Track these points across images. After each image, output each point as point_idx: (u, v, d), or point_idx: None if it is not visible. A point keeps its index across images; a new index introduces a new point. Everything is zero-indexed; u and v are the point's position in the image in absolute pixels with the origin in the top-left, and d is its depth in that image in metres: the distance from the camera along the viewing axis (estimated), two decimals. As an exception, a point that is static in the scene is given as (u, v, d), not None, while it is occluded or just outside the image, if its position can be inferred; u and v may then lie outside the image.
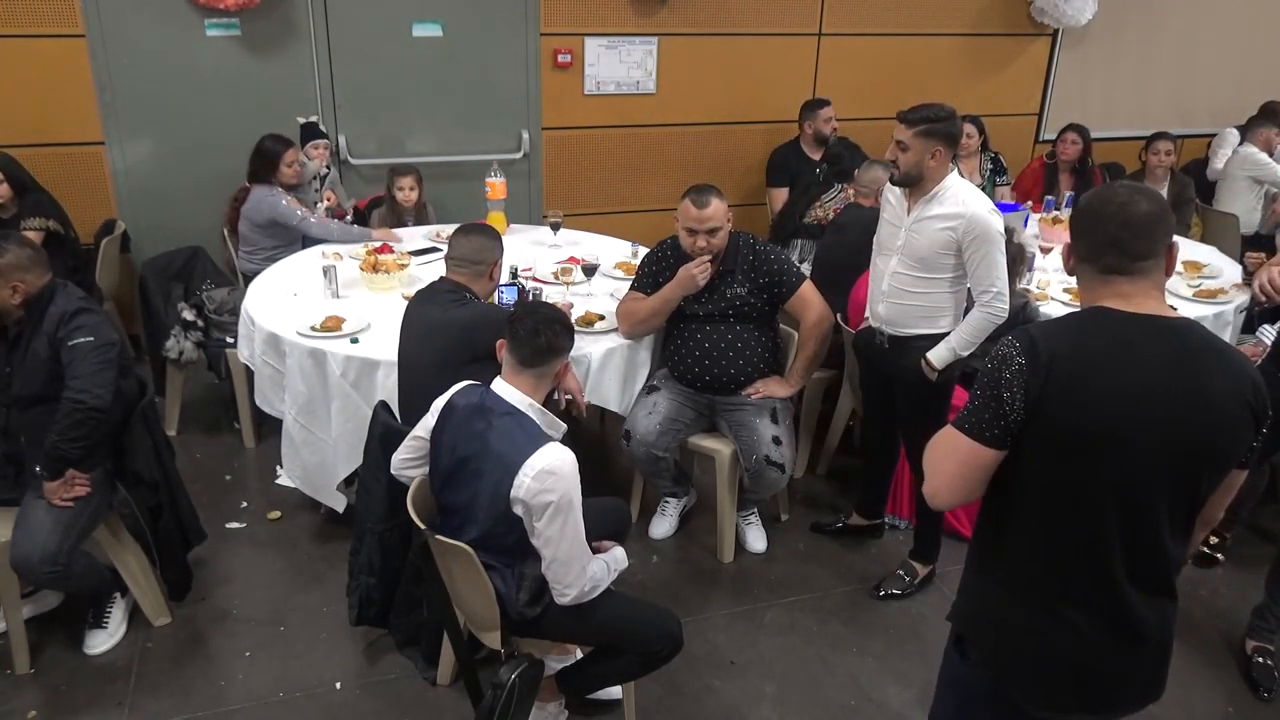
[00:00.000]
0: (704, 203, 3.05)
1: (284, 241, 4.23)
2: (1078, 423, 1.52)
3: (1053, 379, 1.52)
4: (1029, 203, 5.15)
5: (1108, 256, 1.56)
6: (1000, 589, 1.70)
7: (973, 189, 2.84)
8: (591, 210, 5.37)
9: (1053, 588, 1.63)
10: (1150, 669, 1.69)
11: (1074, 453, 1.54)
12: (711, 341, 3.20)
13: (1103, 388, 1.51)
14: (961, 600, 1.81)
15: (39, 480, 2.62)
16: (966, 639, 1.78)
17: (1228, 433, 1.55)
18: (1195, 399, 1.51)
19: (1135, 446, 1.52)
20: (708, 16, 5.30)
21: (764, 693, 2.79)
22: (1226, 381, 1.53)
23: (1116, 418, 1.51)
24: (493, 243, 2.92)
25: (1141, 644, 1.64)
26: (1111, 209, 1.57)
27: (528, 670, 2.23)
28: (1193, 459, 1.55)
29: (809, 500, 3.80)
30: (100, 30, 4.41)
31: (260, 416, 3.83)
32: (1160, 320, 1.55)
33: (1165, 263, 1.59)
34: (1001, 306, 2.79)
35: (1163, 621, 1.65)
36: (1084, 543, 1.59)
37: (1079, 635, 1.62)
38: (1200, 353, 1.54)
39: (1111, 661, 1.64)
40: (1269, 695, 2.80)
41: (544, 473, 2.09)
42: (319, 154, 4.55)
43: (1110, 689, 1.67)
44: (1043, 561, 1.63)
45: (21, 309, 2.59)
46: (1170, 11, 6.20)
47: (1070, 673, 1.66)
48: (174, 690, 2.73)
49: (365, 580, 2.74)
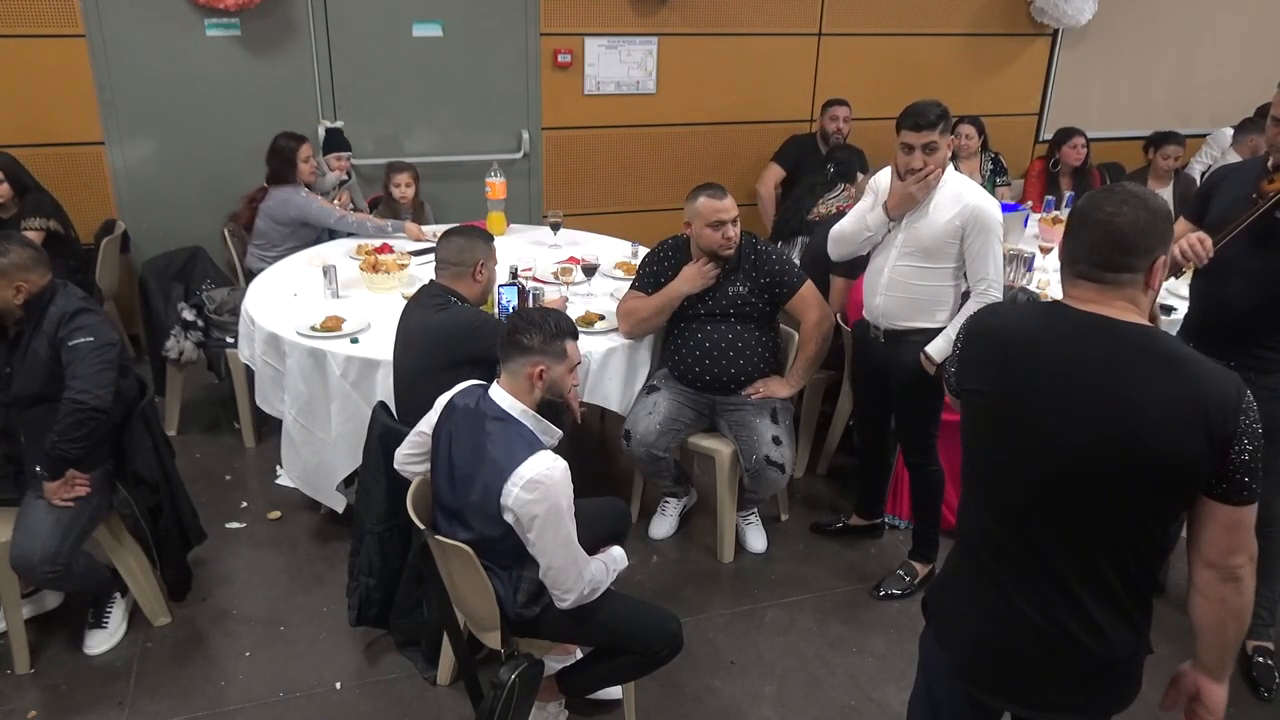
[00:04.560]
0: (722, 194, 3.11)
1: (305, 241, 4.25)
2: (991, 392, 1.61)
3: (968, 342, 1.70)
4: (1029, 203, 5.16)
5: (1081, 264, 1.55)
6: (957, 566, 1.78)
7: (970, 180, 2.89)
8: (591, 210, 5.37)
9: (996, 577, 1.65)
10: (1098, 681, 1.61)
11: (986, 430, 1.64)
12: (712, 341, 3.20)
13: (1024, 365, 1.57)
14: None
15: (39, 480, 2.62)
16: (927, 604, 1.84)
17: (1160, 446, 1.44)
18: (1122, 404, 1.46)
19: (1048, 432, 1.53)
20: (708, 16, 5.30)
21: (764, 693, 2.79)
22: (1169, 391, 1.44)
23: (1024, 392, 1.56)
24: (474, 243, 2.87)
25: (1096, 659, 1.59)
26: (1099, 216, 1.53)
27: (528, 670, 2.23)
28: (1114, 467, 1.48)
29: (809, 500, 3.80)
30: (100, 30, 4.41)
31: (260, 416, 3.83)
32: (1111, 320, 1.52)
33: (1145, 277, 1.53)
34: (996, 296, 2.82)
35: (1103, 636, 1.57)
36: (1021, 536, 1.60)
37: (1019, 628, 1.62)
38: (1146, 359, 1.48)
39: (1052, 663, 1.61)
40: (1269, 695, 2.80)
41: (532, 482, 2.09)
42: (340, 165, 4.55)
43: (1048, 688, 1.64)
44: (988, 551, 1.67)
45: (22, 309, 2.59)
46: (1170, 11, 6.20)
47: (1003, 660, 1.67)
48: (174, 690, 2.73)
49: (365, 581, 2.75)
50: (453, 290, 2.84)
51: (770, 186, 5.39)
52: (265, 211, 4.21)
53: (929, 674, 1.85)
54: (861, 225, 2.98)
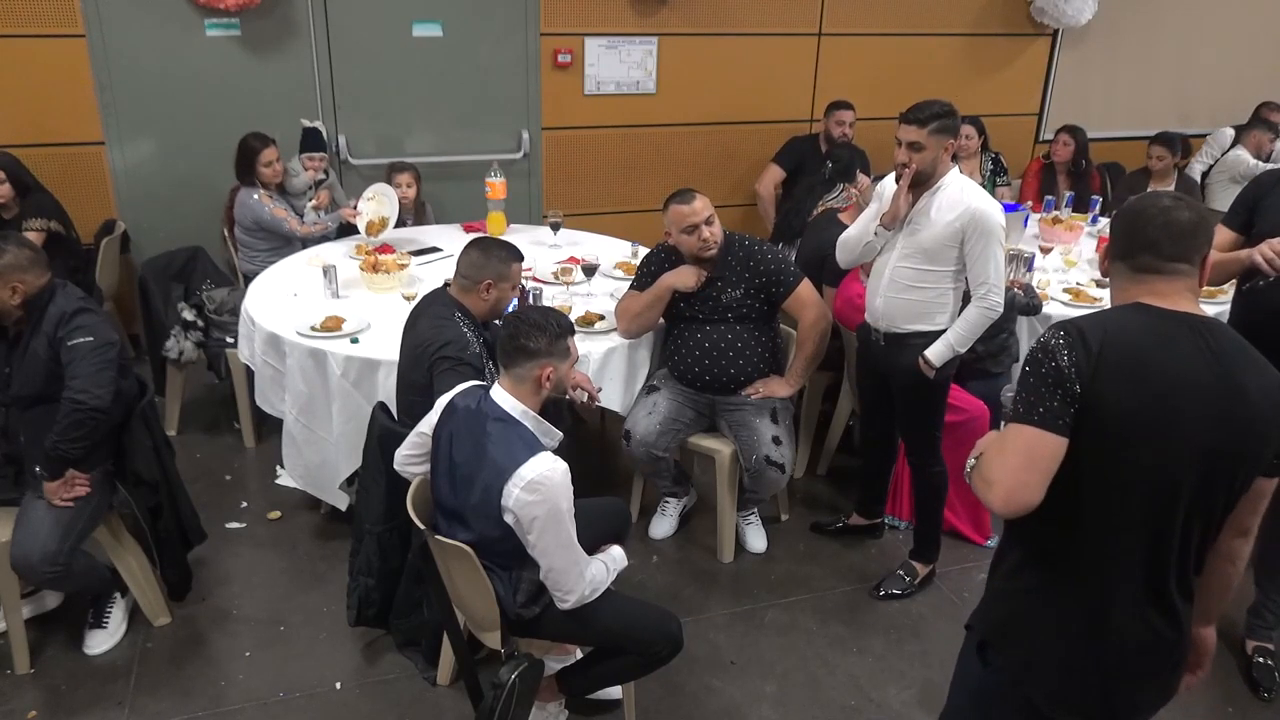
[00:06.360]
0: (690, 198, 3.10)
1: (278, 243, 4.23)
2: (1128, 403, 1.51)
3: (1105, 359, 1.51)
4: (1029, 203, 5.16)
5: (1143, 256, 1.59)
6: (1034, 595, 1.68)
7: (972, 182, 2.87)
8: (591, 210, 5.37)
9: (1094, 596, 1.61)
10: (1169, 673, 1.70)
11: (1124, 440, 1.53)
12: (711, 341, 3.20)
13: (1150, 368, 1.52)
14: (986, 607, 1.79)
15: (39, 480, 2.62)
16: (991, 645, 1.75)
17: (1261, 432, 1.55)
18: (1233, 396, 1.52)
19: (1181, 435, 1.52)
20: (708, 16, 5.30)
21: (764, 693, 2.79)
22: (1260, 379, 1.54)
23: (1164, 399, 1.51)
24: (489, 262, 2.77)
25: (1171, 650, 1.66)
26: (1154, 212, 1.59)
27: (528, 670, 2.23)
28: (1230, 458, 1.55)
29: (809, 500, 3.80)
30: (100, 30, 4.41)
31: (260, 416, 3.83)
32: (1196, 318, 1.57)
33: (1199, 272, 1.61)
34: (996, 300, 2.80)
35: (1187, 625, 1.67)
36: (1136, 546, 1.58)
37: (1113, 642, 1.61)
38: (1234, 352, 1.56)
39: (1140, 667, 1.64)
40: (1269, 695, 2.80)
41: (533, 484, 2.08)
42: (314, 165, 4.46)
43: (1134, 694, 1.68)
44: (1088, 567, 1.61)
45: (21, 309, 2.59)
46: (1170, 11, 6.20)
47: (1099, 678, 1.64)
48: (174, 690, 2.73)
49: (364, 581, 2.75)
50: (459, 303, 2.80)
51: (770, 187, 5.40)
52: (235, 215, 4.24)
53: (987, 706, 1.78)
54: (864, 231, 2.98)
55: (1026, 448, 1.55)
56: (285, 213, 4.19)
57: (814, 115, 5.65)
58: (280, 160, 4.25)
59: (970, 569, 3.36)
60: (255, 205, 4.14)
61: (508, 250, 2.82)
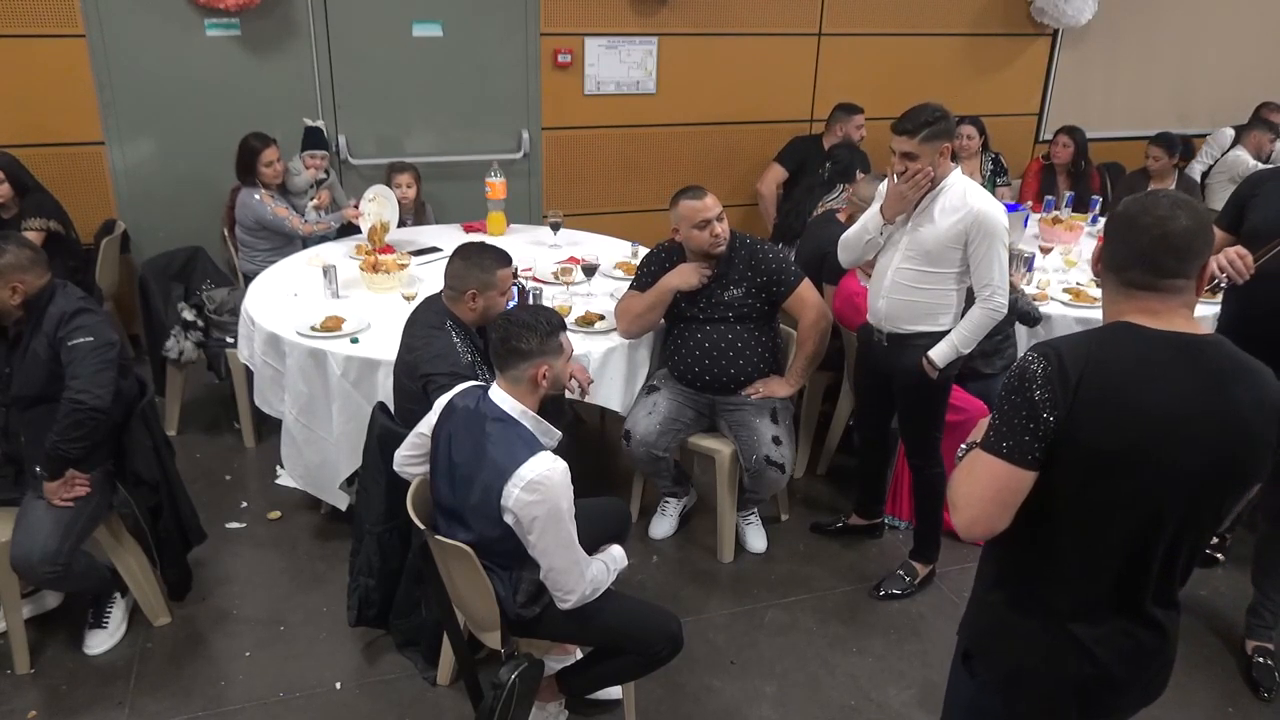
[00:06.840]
0: (701, 194, 3.10)
1: (278, 243, 4.24)
2: (1105, 444, 1.46)
3: (1082, 397, 1.45)
4: (1029, 203, 5.16)
5: (1134, 270, 1.50)
6: (1012, 608, 1.66)
7: (975, 184, 2.86)
8: (591, 210, 5.37)
9: (1066, 608, 1.60)
10: (1151, 677, 1.68)
11: (1101, 474, 1.48)
12: (711, 341, 3.20)
13: (1130, 408, 1.45)
14: (971, 615, 1.78)
15: (39, 480, 2.62)
16: (974, 655, 1.74)
17: (1255, 450, 1.50)
18: (1224, 418, 1.47)
19: (1165, 467, 1.47)
20: (708, 16, 5.30)
21: (764, 693, 2.79)
22: (1253, 396, 1.48)
23: (1144, 438, 1.46)
24: (470, 271, 2.72)
25: (1155, 656, 1.64)
26: (1148, 220, 1.49)
27: (528, 670, 2.23)
28: (1221, 478, 1.50)
29: (809, 500, 3.80)
30: (100, 30, 4.41)
31: (260, 416, 3.83)
32: (1188, 337, 1.49)
33: (1196, 283, 1.51)
34: (1001, 302, 2.80)
35: (1172, 632, 1.64)
36: (1111, 566, 1.55)
37: (1089, 655, 1.60)
38: (1228, 370, 1.49)
39: (1122, 674, 1.63)
40: (1269, 695, 2.80)
41: (533, 484, 2.08)
42: (315, 164, 4.47)
43: (1112, 700, 1.67)
44: (1062, 583, 1.59)
45: (21, 309, 2.59)
46: (1170, 11, 6.20)
47: (1074, 690, 1.63)
48: (174, 690, 2.73)
49: (364, 581, 2.75)
50: (449, 312, 2.79)
51: (771, 186, 5.39)
52: (236, 215, 4.24)
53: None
54: (863, 229, 2.98)
55: (992, 479, 1.52)
56: (287, 211, 4.21)
57: (814, 115, 5.65)
58: (281, 160, 4.26)
59: (970, 569, 3.32)
60: (257, 205, 4.14)
61: (492, 257, 2.76)
